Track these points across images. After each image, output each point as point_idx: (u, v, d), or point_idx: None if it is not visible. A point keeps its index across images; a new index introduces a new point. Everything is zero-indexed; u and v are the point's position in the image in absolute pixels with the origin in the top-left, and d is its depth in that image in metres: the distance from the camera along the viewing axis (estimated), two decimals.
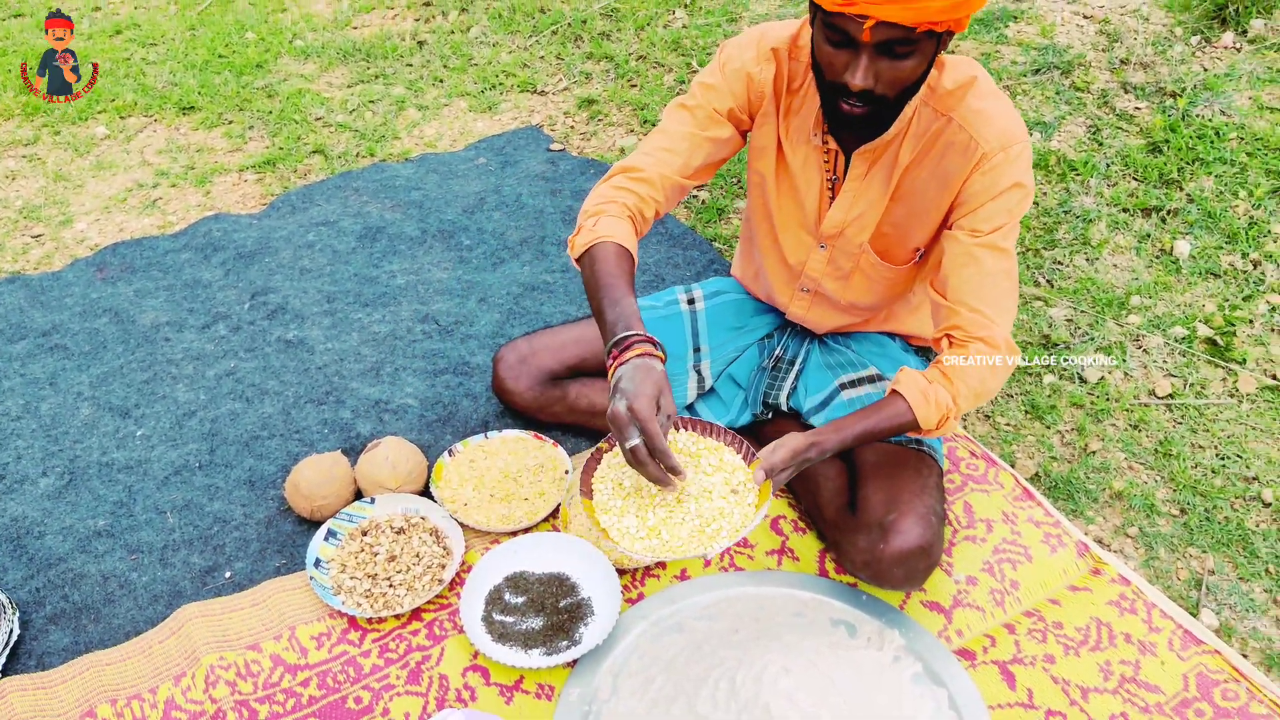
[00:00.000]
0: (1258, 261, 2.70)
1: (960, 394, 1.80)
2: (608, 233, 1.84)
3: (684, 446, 1.82)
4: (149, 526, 2.24)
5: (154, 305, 2.85)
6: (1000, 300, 1.81)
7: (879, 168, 1.90)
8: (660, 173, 1.94)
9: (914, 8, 1.52)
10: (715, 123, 1.96)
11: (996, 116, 1.78)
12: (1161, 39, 3.26)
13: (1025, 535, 2.16)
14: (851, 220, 1.97)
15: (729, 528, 1.70)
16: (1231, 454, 2.33)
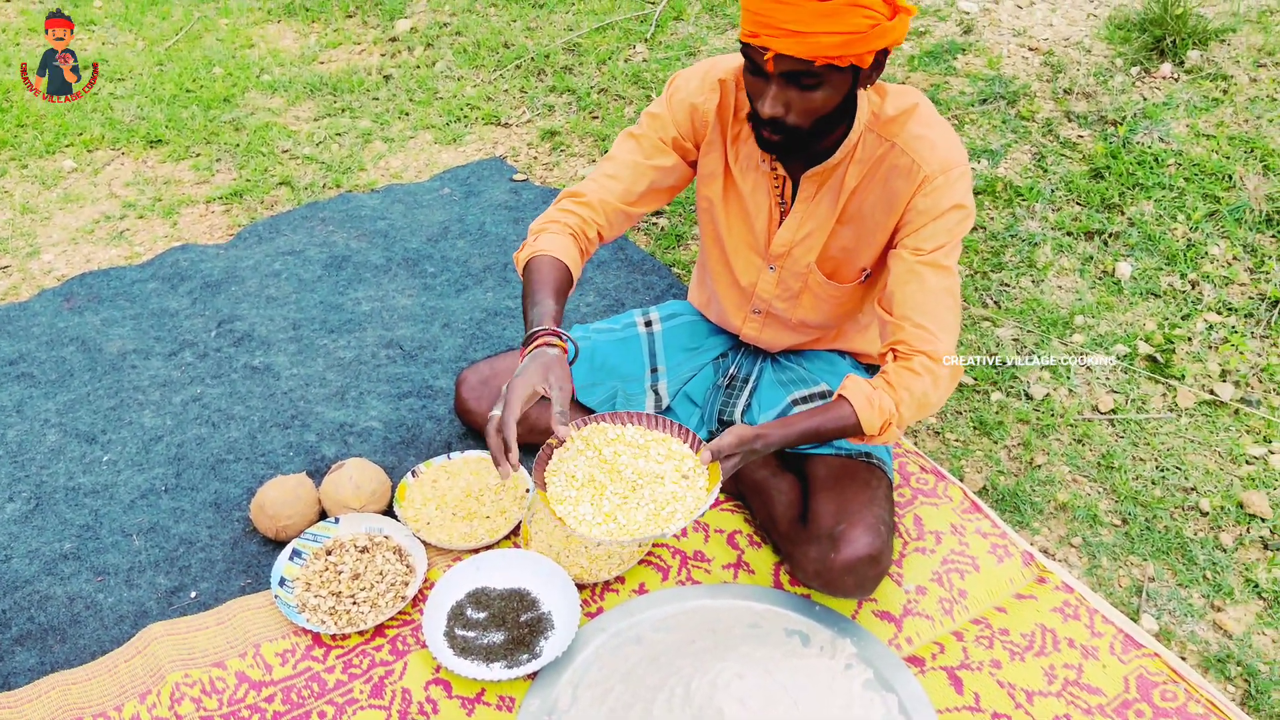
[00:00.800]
0: (1195, 282, 2.80)
1: (903, 401, 1.86)
2: (544, 247, 1.95)
3: (632, 439, 1.90)
4: (115, 549, 2.27)
5: (121, 334, 2.89)
6: (942, 316, 1.89)
7: (826, 190, 1.98)
8: (602, 198, 2.04)
9: (807, 43, 1.61)
10: (660, 151, 2.05)
11: (938, 142, 1.86)
12: (1103, 70, 3.38)
13: (973, 546, 2.23)
14: (799, 240, 2.05)
15: (683, 509, 1.78)
16: (1171, 466, 2.41)
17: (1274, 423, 2.47)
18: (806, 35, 1.61)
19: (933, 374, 1.87)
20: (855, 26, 1.60)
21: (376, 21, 4.73)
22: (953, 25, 3.77)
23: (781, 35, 1.62)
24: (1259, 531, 2.26)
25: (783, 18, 1.61)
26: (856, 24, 1.60)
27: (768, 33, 1.63)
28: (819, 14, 1.59)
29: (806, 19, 1.59)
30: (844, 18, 1.59)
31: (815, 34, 1.60)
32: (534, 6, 4.59)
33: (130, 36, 4.79)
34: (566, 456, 1.89)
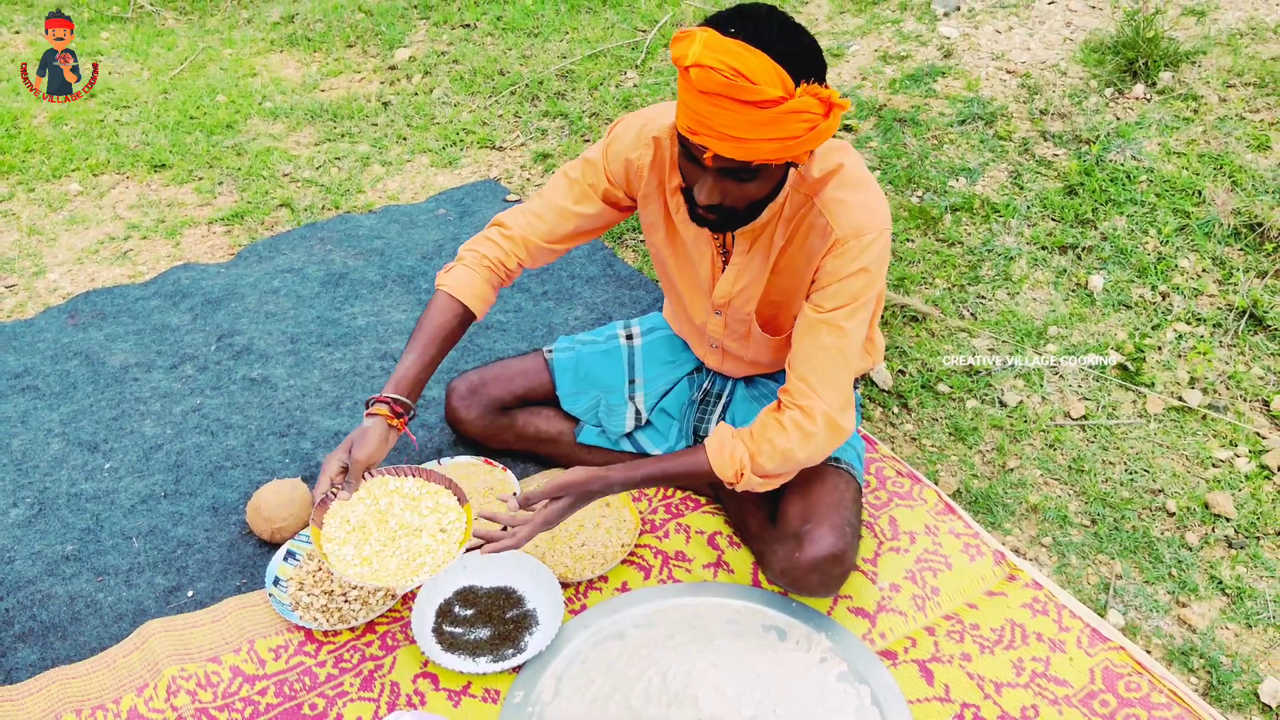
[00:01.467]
0: (1166, 293, 2.88)
1: (761, 453, 1.94)
2: (452, 285, 2.10)
3: (408, 491, 2.06)
4: (115, 551, 2.35)
5: (123, 348, 2.98)
6: (827, 374, 1.92)
7: (759, 246, 2.03)
8: (525, 235, 2.14)
9: (745, 147, 1.65)
10: (587, 199, 2.12)
11: (853, 206, 1.89)
12: (1078, 91, 3.48)
13: (946, 546, 2.30)
14: (737, 292, 2.12)
15: (431, 563, 1.95)
16: (1139, 469, 2.48)
17: (1240, 428, 2.54)
18: (745, 141, 1.63)
19: (801, 429, 1.92)
20: (793, 132, 1.62)
21: (376, 51, 4.86)
22: (933, 50, 3.88)
23: (721, 139, 1.64)
24: (1224, 531, 2.33)
25: (722, 122, 1.62)
26: (794, 129, 1.62)
27: (707, 133, 1.65)
28: (757, 122, 1.60)
29: (745, 126, 1.61)
30: (782, 125, 1.61)
31: (754, 140, 1.63)
32: (528, 35, 4.71)
33: (136, 66, 4.92)
34: (349, 503, 2.03)
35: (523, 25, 4.80)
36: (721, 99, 1.59)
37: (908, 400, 2.70)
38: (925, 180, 3.30)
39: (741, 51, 1.57)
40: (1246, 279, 2.87)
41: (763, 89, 1.57)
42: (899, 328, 2.89)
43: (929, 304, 2.93)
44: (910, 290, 2.99)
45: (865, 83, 3.82)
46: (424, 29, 4.97)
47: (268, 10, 5.48)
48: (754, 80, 1.57)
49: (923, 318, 2.91)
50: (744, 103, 1.59)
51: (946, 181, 3.29)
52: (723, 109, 1.61)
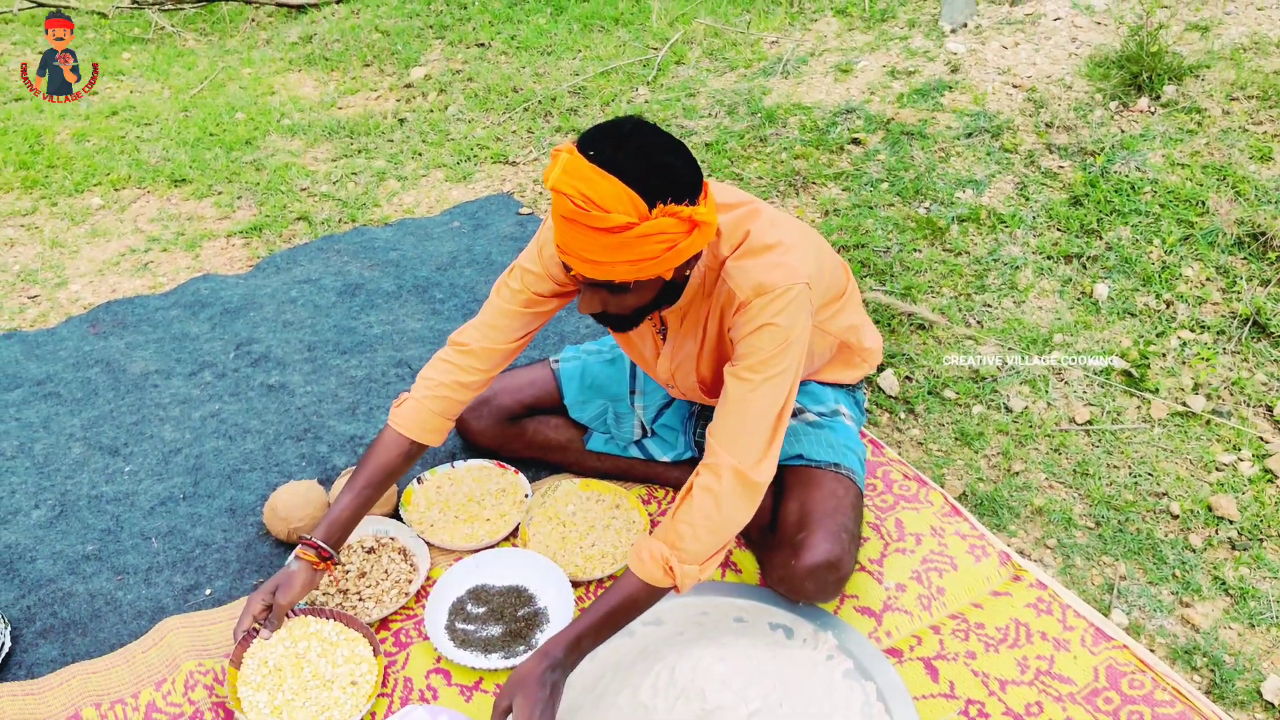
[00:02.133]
0: (1170, 301, 2.92)
1: (683, 537, 1.82)
2: (399, 420, 2.10)
3: (327, 635, 2.09)
4: (135, 551, 2.40)
5: (144, 356, 3.04)
6: (736, 431, 1.86)
7: (688, 323, 2.06)
8: (484, 346, 2.10)
9: (603, 269, 1.68)
10: (536, 303, 2.10)
11: (753, 270, 1.88)
12: (1083, 104, 3.53)
13: (951, 547, 2.33)
14: (676, 368, 2.16)
15: (339, 715, 1.97)
16: (1144, 473, 2.51)
17: (1244, 432, 2.57)
18: (602, 264, 1.65)
19: (709, 492, 1.84)
20: (648, 254, 1.64)
21: (392, 69, 4.94)
22: (940, 65, 3.93)
23: (583, 262, 1.67)
24: (1227, 533, 2.35)
25: (579, 246, 1.64)
26: (650, 251, 1.64)
27: (570, 255, 1.68)
28: (610, 246, 1.62)
29: (599, 250, 1.63)
30: (635, 248, 1.63)
31: (610, 263, 1.65)
32: (542, 54, 4.79)
33: (157, 85, 5.02)
34: (269, 643, 2.07)
35: (536, 44, 4.88)
36: (576, 225, 1.62)
37: (914, 406, 2.73)
38: (932, 192, 3.35)
39: (594, 177, 1.58)
40: (1250, 287, 2.90)
41: (611, 216, 1.59)
42: (906, 335, 2.93)
43: (935, 312, 2.97)
44: (917, 299, 3.03)
45: (873, 97, 3.87)
46: (439, 48, 5.06)
47: (286, 31, 5.57)
48: (604, 208, 1.59)
49: (929, 325, 2.95)
50: (594, 229, 1.61)
51: (953, 193, 3.33)
52: (578, 233, 1.63)
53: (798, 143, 3.76)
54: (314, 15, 5.68)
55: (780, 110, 3.96)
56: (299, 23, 5.64)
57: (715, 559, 1.86)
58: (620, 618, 1.87)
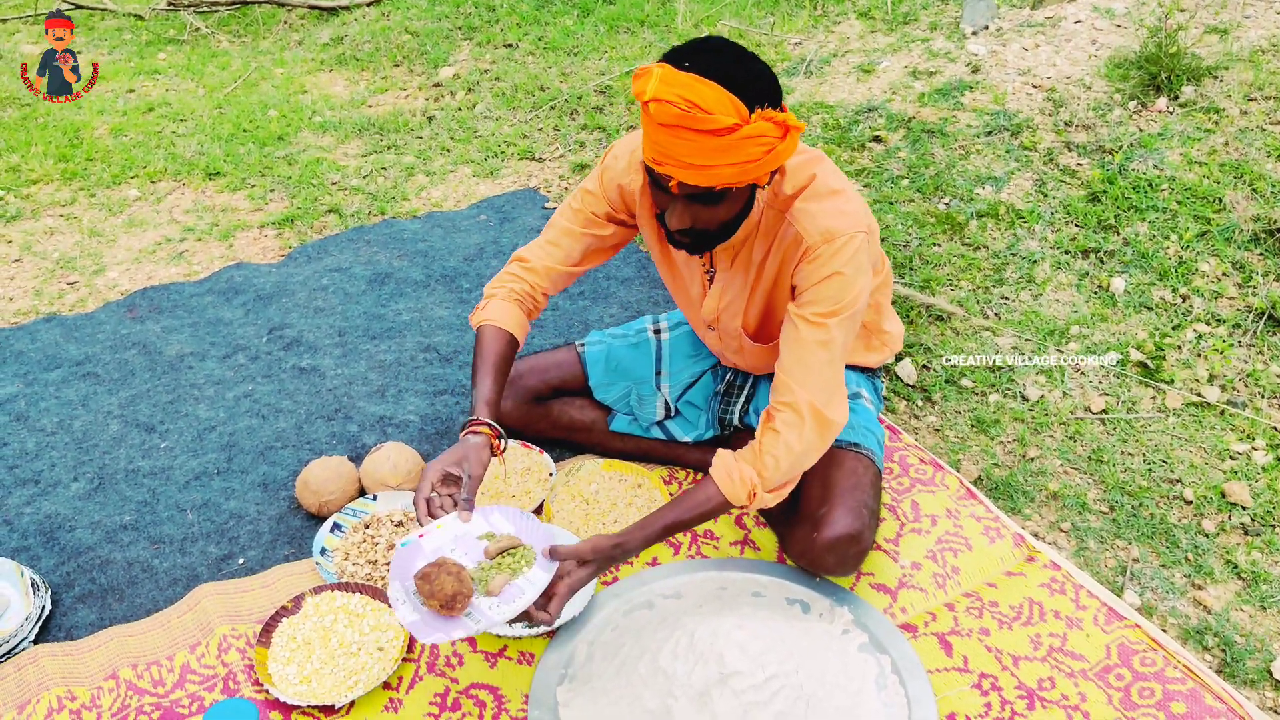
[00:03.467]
0: (1186, 296, 2.96)
1: (767, 467, 1.96)
2: (492, 316, 2.16)
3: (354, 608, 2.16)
4: (170, 522, 2.47)
5: (179, 339, 3.12)
6: (812, 369, 1.96)
7: (739, 262, 2.13)
8: (545, 265, 2.22)
9: (708, 174, 1.74)
10: (594, 224, 2.23)
11: (820, 215, 1.96)
12: (1102, 104, 3.57)
13: (967, 528, 2.38)
14: (723, 308, 2.22)
15: (364, 681, 2.02)
16: (1158, 460, 2.55)
17: (1258, 422, 2.60)
18: (706, 168, 1.71)
19: (794, 428, 1.95)
20: (750, 156, 1.71)
21: (422, 69, 5.03)
22: (961, 66, 3.99)
23: (683, 167, 1.72)
24: (1240, 519, 2.39)
25: (683, 152, 1.70)
26: (751, 154, 1.71)
27: (670, 163, 1.73)
28: (715, 149, 1.69)
29: (705, 153, 1.69)
30: (739, 150, 1.69)
31: (715, 166, 1.71)
32: (569, 54, 4.87)
33: (192, 84, 5.12)
34: (296, 620, 2.14)
35: (563, 45, 4.96)
36: (679, 130, 1.68)
37: (931, 394, 2.78)
38: (952, 188, 3.40)
39: (695, 84, 1.66)
40: (1266, 282, 2.93)
41: (717, 118, 1.66)
42: (924, 326, 2.98)
43: (954, 304, 3.02)
44: (936, 291, 3.08)
45: (895, 96, 3.93)
46: (468, 49, 5.15)
47: (318, 32, 5.68)
48: (708, 110, 1.66)
49: (948, 317, 3.00)
50: (700, 132, 1.67)
51: (973, 189, 3.38)
52: (681, 139, 1.69)
53: (820, 140, 3.82)
54: (345, 17, 5.79)
55: (803, 109, 4.02)
56: (330, 24, 5.74)
57: (785, 489, 2.01)
58: (688, 527, 2.02)
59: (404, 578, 1.86)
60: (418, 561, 1.88)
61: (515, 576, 1.89)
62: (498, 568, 1.90)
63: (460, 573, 1.83)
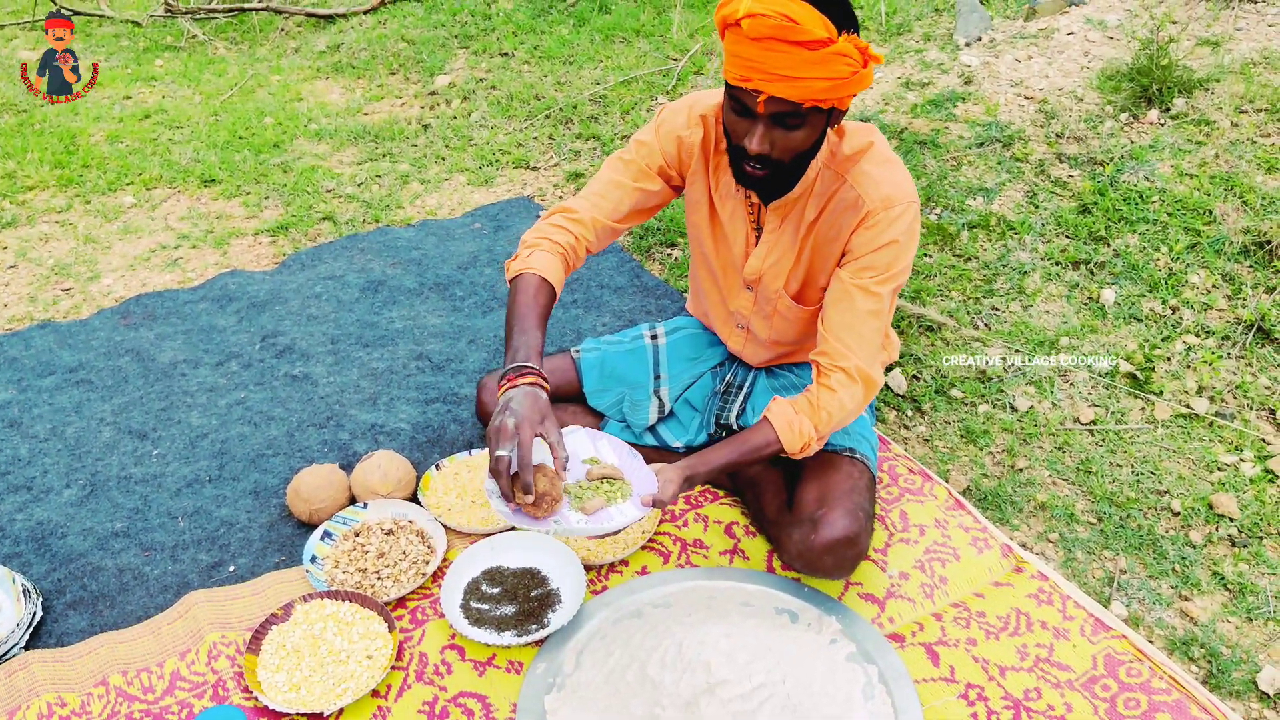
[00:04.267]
0: (1176, 307, 2.97)
1: (821, 421, 2.08)
2: (536, 266, 2.12)
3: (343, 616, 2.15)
4: (162, 529, 2.48)
5: (172, 346, 3.13)
6: (863, 336, 2.08)
7: (789, 221, 2.18)
8: (593, 216, 2.23)
9: (799, 86, 1.80)
10: (646, 176, 2.25)
11: (882, 181, 2.05)
12: (1093, 116, 3.59)
13: (955, 538, 2.39)
14: (768, 267, 2.25)
15: (353, 689, 2.03)
16: (1146, 471, 2.56)
17: (1246, 434, 2.62)
18: (799, 80, 1.79)
19: (847, 388, 2.08)
20: (839, 73, 1.78)
21: (418, 77, 5.05)
22: (954, 77, 4.01)
23: (774, 80, 1.80)
24: (1227, 530, 2.40)
25: (775, 64, 1.77)
26: (840, 70, 1.78)
27: (760, 77, 1.81)
28: (809, 61, 1.76)
29: (798, 65, 1.76)
30: (831, 64, 1.77)
31: (806, 79, 1.79)
32: (564, 63, 4.89)
33: (188, 91, 5.14)
34: (285, 628, 2.15)
35: (558, 54, 4.98)
36: (774, 42, 1.75)
37: (921, 404, 2.79)
38: (944, 199, 3.41)
39: (788, 2, 1.75)
40: (1255, 294, 2.95)
41: (811, 30, 1.73)
42: (914, 336, 2.99)
43: (944, 314, 3.03)
44: (926, 301, 3.09)
45: (888, 107, 3.95)
46: (464, 57, 5.17)
47: (315, 40, 5.70)
48: (802, 23, 1.73)
49: (938, 327, 3.01)
50: (795, 43, 1.75)
51: (964, 200, 3.40)
52: (775, 52, 1.76)
53: None
54: (342, 25, 5.80)
55: None
56: (327, 32, 5.76)
57: (824, 440, 2.14)
58: (746, 464, 2.14)
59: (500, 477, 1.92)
60: None
61: (609, 504, 1.98)
62: (595, 490, 1.99)
63: (554, 477, 1.92)
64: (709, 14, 5.15)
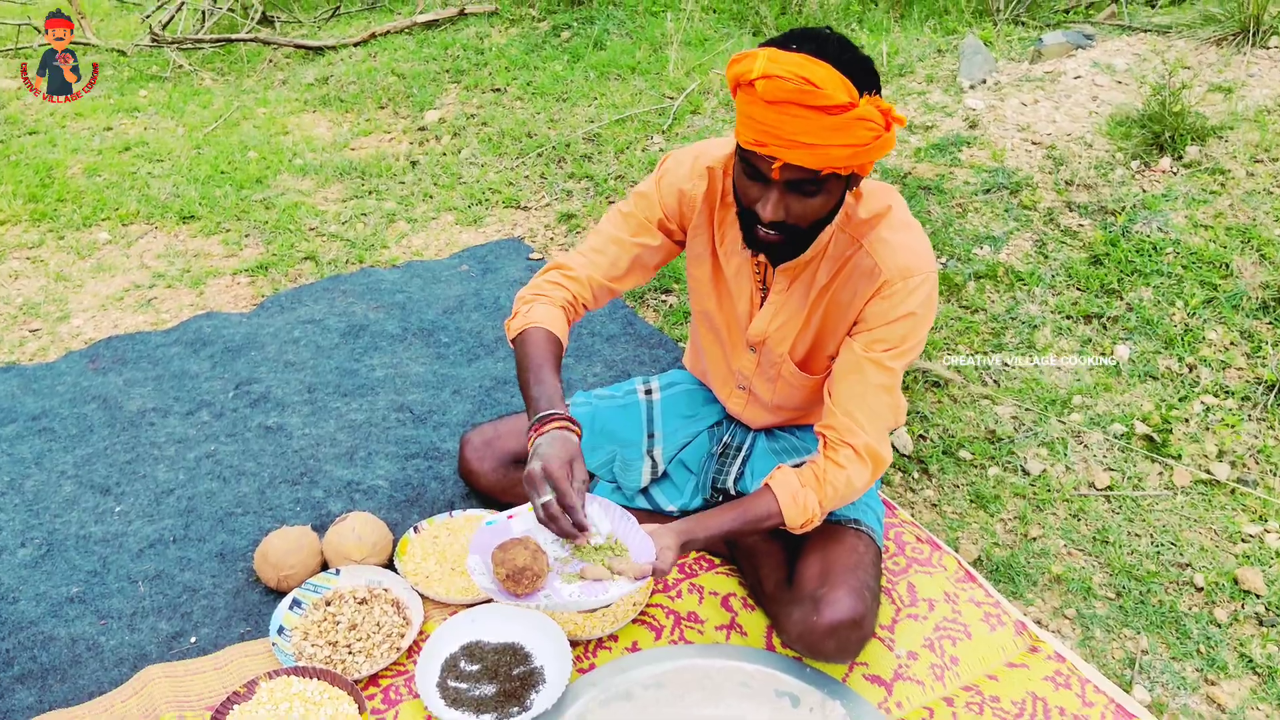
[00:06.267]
0: (1193, 365, 2.84)
1: (827, 497, 1.96)
2: (539, 320, 2.02)
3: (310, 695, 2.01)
4: (120, 594, 2.32)
5: (141, 393, 2.98)
6: (874, 411, 1.96)
7: (799, 284, 2.04)
8: (589, 274, 2.11)
9: (818, 154, 1.68)
10: (645, 230, 2.12)
11: (900, 248, 1.92)
12: (1104, 163, 3.47)
13: (966, 614, 2.24)
14: (774, 330, 2.11)
15: None
16: (1166, 542, 2.42)
17: (1270, 502, 2.48)
18: (817, 147, 1.67)
19: (855, 465, 1.96)
20: (860, 139, 1.66)
21: (407, 112, 4.93)
22: (959, 120, 3.90)
23: (791, 147, 1.68)
24: (1254, 608, 2.26)
25: (792, 130, 1.66)
26: (862, 136, 1.66)
27: (776, 143, 1.68)
28: (829, 128, 1.65)
29: (816, 132, 1.65)
30: (852, 130, 1.65)
31: (826, 146, 1.67)
32: (557, 100, 4.77)
33: (171, 123, 5.01)
34: (248, 708, 2.00)
35: (551, 90, 4.86)
36: (791, 106, 1.64)
37: (928, 466, 2.65)
38: (949, 247, 3.29)
39: (807, 64, 1.63)
40: (1276, 353, 2.82)
41: (831, 94, 1.62)
42: (920, 393, 2.86)
43: (951, 370, 2.90)
44: (932, 356, 2.96)
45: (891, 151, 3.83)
46: (454, 92, 5.05)
47: (303, 72, 5.58)
48: (822, 87, 1.62)
49: (945, 383, 2.88)
50: (813, 108, 1.63)
51: (970, 249, 3.27)
52: (792, 116, 1.65)
53: None
54: (331, 57, 5.69)
55: None
56: (316, 64, 5.65)
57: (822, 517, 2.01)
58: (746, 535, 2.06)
59: (484, 552, 1.86)
60: (503, 539, 1.89)
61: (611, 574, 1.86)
62: (591, 555, 1.88)
63: (538, 553, 1.83)
64: (706, 51, 5.05)
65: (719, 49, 5.07)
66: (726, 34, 5.31)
